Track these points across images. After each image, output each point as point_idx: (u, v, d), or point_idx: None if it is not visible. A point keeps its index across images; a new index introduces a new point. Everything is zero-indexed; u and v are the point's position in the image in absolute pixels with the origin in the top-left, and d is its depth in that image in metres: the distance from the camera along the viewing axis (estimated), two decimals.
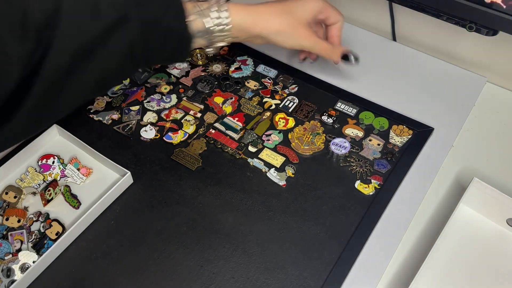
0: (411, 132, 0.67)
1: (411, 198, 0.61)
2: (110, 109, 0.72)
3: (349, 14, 0.84)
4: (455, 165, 0.65)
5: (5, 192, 0.62)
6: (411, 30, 0.78)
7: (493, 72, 0.73)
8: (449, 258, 0.56)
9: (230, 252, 0.57)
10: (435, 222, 0.59)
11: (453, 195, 0.62)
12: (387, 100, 0.71)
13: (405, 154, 0.65)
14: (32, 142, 0.66)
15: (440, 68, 0.76)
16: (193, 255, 0.57)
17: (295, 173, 0.64)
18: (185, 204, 0.61)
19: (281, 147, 0.66)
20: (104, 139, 0.68)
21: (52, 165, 0.65)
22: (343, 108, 0.71)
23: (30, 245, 0.58)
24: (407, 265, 0.56)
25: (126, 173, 0.62)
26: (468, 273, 0.55)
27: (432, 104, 0.71)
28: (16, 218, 0.60)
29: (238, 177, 0.64)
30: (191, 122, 0.70)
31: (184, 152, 0.66)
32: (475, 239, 0.57)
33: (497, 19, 0.58)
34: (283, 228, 0.59)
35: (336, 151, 0.66)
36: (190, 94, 0.73)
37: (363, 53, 0.79)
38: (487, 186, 0.56)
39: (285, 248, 0.57)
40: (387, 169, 0.64)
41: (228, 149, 0.66)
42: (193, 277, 0.55)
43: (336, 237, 0.58)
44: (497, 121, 0.69)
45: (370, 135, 0.67)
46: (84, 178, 0.64)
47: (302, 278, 0.55)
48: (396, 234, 0.58)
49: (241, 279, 0.55)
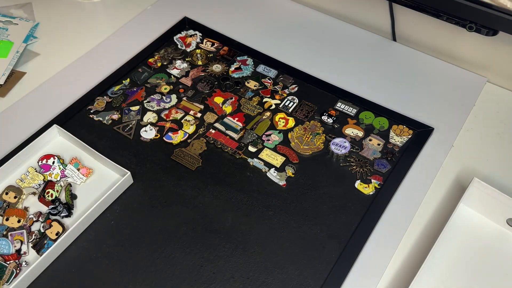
0: (411, 132, 0.67)
1: (411, 198, 0.61)
2: (110, 109, 0.72)
3: (349, 14, 0.84)
4: (455, 165, 0.65)
5: (5, 192, 0.62)
6: (411, 30, 0.78)
7: (493, 72, 0.73)
8: (449, 258, 0.56)
9: (230, 252, 0.57)
10: (435, 222, 0.59)
11: (453, 195, 0.62)
12: (387, 100, 0.71)
13: (405, 154, 0.65)
14: (32, 143, 0.66)
15: (440, 68, 0.76)
16: (193, 255, 0.57)
17: (295, 173, 0.64)
18: (185, 204, 0.61)
19: (281, 147, 0.66)
20: (104, 139, 0.68)
21: (52, 165, 0.65)
22: (343, 108, 0.71)
23: (30, 245, 0.58)
24: (407, 265, 0.56)
25: (126, 173, 0.62)
26: (468, 273, 0.55)
27: (432, 104, 0.71)
28: (16, 218, 0.60)
29: (238, 177, 0.64)
30: (191, 122, 0.70)
31: (184, 152, 0.66)
32: (475, 239, 0.57)
33: (497, 19, 0.58)
34: (283, 228, 0.59)
35: (336, 151, 0.66)
36: (190, 94, 0.73)
37: (363, 53, 0.79)
38: (487, 186, 0.56)
39: (285, 247, 0.57)
40: (387, 169, 0.64)
41: (228, 149, 0.66)
42: (193, 277, 0.55)
43: (336, 237, 0.58)
44: (497, 121, 0.69)
45: (370, 135, 0.67)
46: (84, 178, 0.64)
47: (302, 278, 0.55)
48: (396, 234, 0.58)
49: (241, 278, 0.55)
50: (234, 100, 0.72)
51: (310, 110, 0.71)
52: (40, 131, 0.68)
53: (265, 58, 0.78)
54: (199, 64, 0.78)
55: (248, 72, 0.76)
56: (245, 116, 0.70)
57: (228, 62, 0.78)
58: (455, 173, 0.64)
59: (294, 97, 0.72)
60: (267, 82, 0.75)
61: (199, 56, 0.79)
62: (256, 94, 0.73)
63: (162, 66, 0.77)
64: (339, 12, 0.84)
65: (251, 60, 0.78)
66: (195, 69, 0.77)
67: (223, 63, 0.78)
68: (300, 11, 0.77)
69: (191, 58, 0.79)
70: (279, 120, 0.69)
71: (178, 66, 0.77)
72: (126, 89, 0.74)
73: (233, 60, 0.78)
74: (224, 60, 0.78)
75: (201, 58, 0.78)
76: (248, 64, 0.77)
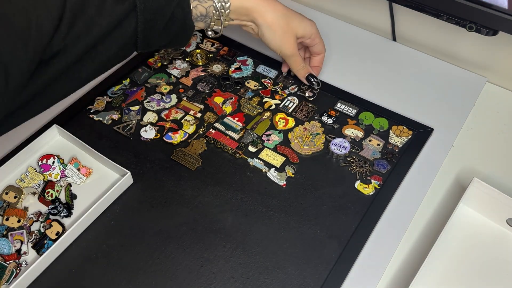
0: (411, 133, 0.67)
1: (411, 198, 0.61)
2: (110, 109, 0.72)
3: (349, 14, 0.84)
4: (455, 165, 0.65)
5: (5, 192, 0.62)
6: (411, 30, 0.78)
7: (493, 72, 0.73)
8: (449, 258, 0.56)
9: (230, 252, 0.57)
10: (435, 222, 0.59)
11: (453, 195, 0.62)
12: (387, 100, 0.71)
13: (405, 154, 0.65)
14: (32, 142, 0.66)
15: (440, 68, 0.76)
16: (193, 255, 0.57)
17: (295, 173, 0.64)
18: (185, 204, 0.61)
19: (281, 147, 0.66)
20: (104, 139, 0.68)
21: (52, 165, 0.65)
22: (343, 108, 0.71)
23: (30, 245, 0.58)
24: (407, 265, 0.56)
25: (126, 173, 0.62)
26: (468, 273, 0.55)
27: (432, 104, 0.71)
28: (16, 218, 0.60)
29: (238, 177, 0.64)
30: (191, 122, 0.70)
31: (184, 152, 0.66)
32: (475, 239, 0.57)
33: (497, 19, 0.58)
34: (283, 228, 0.59)
35: (336, 151, 0.66)
36: (190, 94, 0.73)
37: (363, 53, 0.79)
38: (487, 186, 0.56)
39: (285, 247, 0.57)
40: (387, 169, 0.64)
41: (228, 149, 0.66)
42: (193, 277, 0.55)
43: (336, 237, 0.58)
44: (497, 121, 0.69)
45: (370, 136, 0.67)
46: (84, 178, 0.64)
47: (302, 278, 0.55)
48: (396, 234, 0.58)
49: (241, 278, 0.55)
50: (234, 100, 0.72)
51: (310, 110, 0.71)
52: (40, 131, 0.68)
53: (265, 58, 0.78)
54: (199, 64, 0.78)
55: (248, 72, 0.76)
56: (245, 116, 0.70)
57: (228, 62, 0.78)
58: (455, 173, 0.64)
59: (294, 97, 0.72)
60: (267, 82, 0.75)
61: (199, 56, 0.79)
62: (256, 94, 0.73)
63: (162, 66, 0.77)
64: (339, 12, 0.84)
65: (251, 60, 0.78)
66: (195, 69, 0.77)
67: (223, 63, 0.78)
68: (300, 11, 0.76)
69: (191, 58, 0.78)
70: (279, 120, 0.69)
71: (178, 66, 0.77)
72: (126, 89, 0.74)
73: (233, 60, 0.78)
74: (224, 60, 0.78)
75: (201, 58, 0.78)
76: (248, 64, 0.77)
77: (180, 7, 0.55)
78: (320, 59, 0.72)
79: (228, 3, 0.60)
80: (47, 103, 0.51)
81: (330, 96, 0.72)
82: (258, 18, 0.63)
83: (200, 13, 0.59)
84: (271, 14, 0.64)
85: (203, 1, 0.59)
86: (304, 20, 0.67)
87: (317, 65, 0.73)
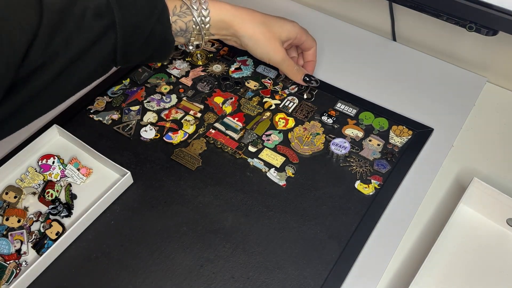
0: (411, 133, 0.67)
1: (411, 198, 0.61)
2: (110, 109, 0.72)
3: (349, 14, 0.84)
4: (455, 165, 0.65)
5: (5, 192, 0.62)
6: (411, 30, 0.78)
7: (493, 72, 0.73)
8: (449, 258, 0.56)
9: (230, 252, 0.57)
10: (435, 222, 0.59)
11: (453, 195, 0.62)
12: (387, 100, 0.71)
13: (405, 154, 0.65)
14: (32, 142, 0.66)
15: (440, 68, 0.76)
16: (193, 255, 0.57)
17: (295, 173, 0.64)
18: (185, 204, 0.61)
19: (281, 147, 0.66)
20: (104, 139, 0.68)
21: (52, 165, 0.65)
22: (343, 108, 0.71)
23: (30, 245, 0.58)
24: (407, 265, 0.56)
25: (126, 173, 0.62)
26: (468, 273, 0.55)
27: (432, 104, 0.71)
28: (16, 218, 0.60)
29: (238, 177, 0.64)
30: (191, 122, 0.70)
31: (184, 152, 0.66)
32: (475, 239, 0.57)
33: (497, 19, 0.58)
34: (283, 228, 0.59)
35: (336, 151, 0.66)
36: (190, 94, 0.73)
37: (363, 53, 0.79)
38: (487, 186, 0.56)
39: (285, 248, 0.57)
40: (387, 169, 0.64)
41: (228, 149, 0.66)
42: (193, 277, 0.55)
43: (336, 237, 0.58)
44: (497, 121, 0.69)
45: (370, 136, 0.67)
46: (84, 178, 0.64)
47: (302, 278, 0.55)
48: (396, 234, 0.58)
49: (241, 278, 0.55)
50: (234, 100, 0.72)
51: (310, 110, 0.71)
52: (40, 131, 0.68)
53: None
54: (199, 64, 0.78)
55: (248, 72, 0.76)
56: (245, 116, 0.70)
57: (228, 62, 0.78)
58: (455, 173, 0.64)
59: (294, 97, 0.72)
60: (267, 82, 0.75)
61: (199, 56, 0.79)
62: (256, 94, 0.73)
63: (162, 66, 0.77)
64: (339, 12, 0.84)
65: (251, 60, 0.78)
66: (195, 69, 0.77)
67: (223, 63, 0.78)
68: (300, 11, 0.77)
69: (191, 58, 0.79)
70: (279, 120, 0.69)
71: (178, 66, 0.77)
72: (126, 89, 0.74)
73: (233, 60, 0.78)
74: (224, 60, 0.78)
75: (201, 58, 0.78)
76: (248, 64, 0.77)
77: (159, 22, 0.54)
78: (312, 53, 0.72)
79: (207, 18, 0.60)
80: (26, 121, 0.50)
81: (330, 96, 0.72)
82: (238, 30, 0.63)
83: (180, 28, 0.59)
84: (250, 24, 0.64)
85: (182, 16, 0.58)
86: (285, 23, 0.67)
87: (311, 60, 0.72)
